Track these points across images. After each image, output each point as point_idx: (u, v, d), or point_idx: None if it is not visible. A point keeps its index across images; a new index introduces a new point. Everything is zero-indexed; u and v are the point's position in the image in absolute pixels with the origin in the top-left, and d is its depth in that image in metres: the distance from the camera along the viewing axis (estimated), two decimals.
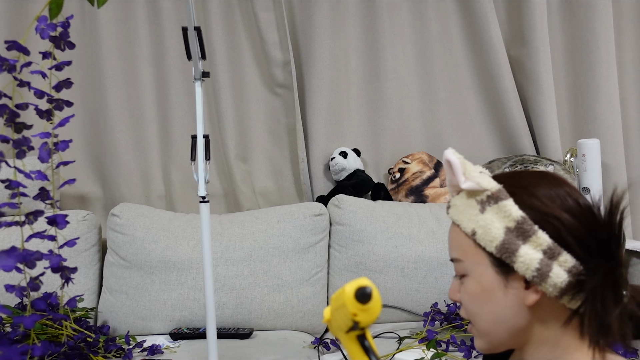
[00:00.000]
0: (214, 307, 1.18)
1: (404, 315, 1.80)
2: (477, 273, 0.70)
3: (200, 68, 1.22)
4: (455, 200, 0.74)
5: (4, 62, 0.88)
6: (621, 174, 2.16)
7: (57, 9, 0.85)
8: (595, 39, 2.14)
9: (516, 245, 0.66)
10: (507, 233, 0.67)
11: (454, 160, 0.70)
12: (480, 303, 0.71)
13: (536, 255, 0.66)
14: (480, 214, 0.69)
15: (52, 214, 0.93)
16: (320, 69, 2.12)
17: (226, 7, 2.14)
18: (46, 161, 0.90)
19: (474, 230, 0.70)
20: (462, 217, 0.71)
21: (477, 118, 2.22)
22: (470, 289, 0.71)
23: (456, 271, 0.74)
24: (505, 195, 0.68)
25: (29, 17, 2.08)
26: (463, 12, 2.19)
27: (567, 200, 0.68)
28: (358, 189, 2.06)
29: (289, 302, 1.75)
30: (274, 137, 2.18)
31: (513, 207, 0.67)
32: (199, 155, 1.18)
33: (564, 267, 0.66)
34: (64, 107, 0.96)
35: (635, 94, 2.27)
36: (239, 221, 1.83)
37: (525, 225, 0.66)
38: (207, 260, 1.17)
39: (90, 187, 2.15)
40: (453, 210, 0.74)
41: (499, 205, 0.68)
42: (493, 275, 0.69)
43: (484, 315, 0.71)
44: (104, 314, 1.75)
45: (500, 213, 0.68)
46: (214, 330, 1.19)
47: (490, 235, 0.68)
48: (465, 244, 0.71)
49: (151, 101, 2.13)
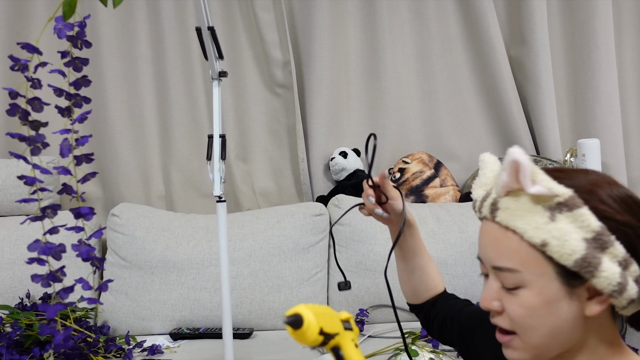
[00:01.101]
0: (229, 307, 1.18)
1: (404, 315, 1.80)
2: (539, 285, 0.64)
3: (218, 68, 1.22)
4: (507, 202, 0.65)
5: (16, 62, 0.89)
6: (621, 174, 2.16)
7: (70, 11, 0.86)
8: (595, 39, 2.14)
9: (598, 259, 0.61)
10: (587, 245, 0.61)
11: (525, 162, 0.62)
12: (539, 316, 0.64)
13: (616, 268, 0.62)
14: (551, 223, 0.62)
15: (77, 207, 0.94)
16: (320, 69, 2.12)
17: (226, 7, 2.14)
18: (66, 156, 0.92)
19: (545, 240, 0.62)
20: (524, 224, 0.64)
21: (477, 118, 2.22)
22: (529, 302, 0.64)
23: (503, 282, 0.66)
24: (580, 203, 0.62)
25: (29, 17, 2.08)
26: (463, 12, 2.19)
27: (632, 204, 0.64)
28: (358, 189, 2.06)
29: (289, 302, 1.75)
30: (274, 137, 2.18)
31: (591, 216, 0.62)
32: (215, 155, 1.18)
33: (633, 277, 0.63)
34: (83, 104, 0.97)
35: (635, 94, 2.27)
36: (238, 221, 1.83)
37: (604, 237, 0.62)
38: (223, 260, 1.18)
39: (90, 187, 2.15)
40: (506, 214, 0.65)
41: (574, 213, 0.62)
42: (558, 287, 0.63)
43: (541, 329, 0.65)
44: (104, 314, 1.75)
45: (576, 222, 0.62)
46: (230, 330, 1.19)
47: (569, 248, 0.61)
48: (526, 254, 0.64)
49: (151, 101, 2.13)
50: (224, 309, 1.19)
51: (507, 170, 0.64)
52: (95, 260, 0.96)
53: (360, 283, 1.79)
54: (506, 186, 0.65)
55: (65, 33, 0.91)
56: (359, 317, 1.74)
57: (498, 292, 0.67)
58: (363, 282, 1.79)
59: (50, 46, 2.05)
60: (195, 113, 2.13)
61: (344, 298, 1.80)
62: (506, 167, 0.64)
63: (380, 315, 1.80)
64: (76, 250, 0.93)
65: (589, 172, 0.67)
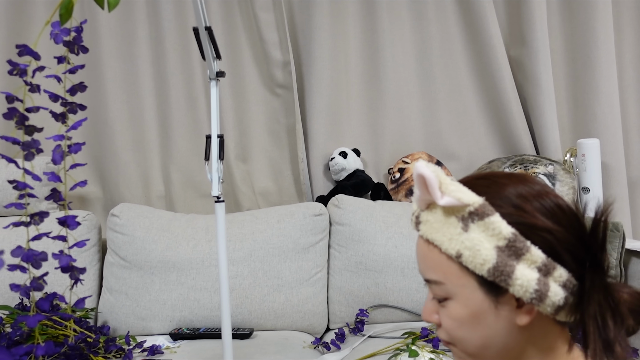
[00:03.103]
0: (229, 307, 1.18)
1: (404, 315, 1.80)
2: (463, 296, 0.64)
3: (215, 68, 1.22)
4: (427, 215, 0.65)
5: (15, 66, 0.89)
6: (621, 173, 2.16)
7: (67, 14, 0.85)
8: (595, 39, 2.14)
9: (511, 267, 0.60)
10: (499, 253, 0.61)
11: (429, 175, 0.62)
12: (468, 327, 0.64)
13: (533, 274, 0.60)
14: (464, 233, 0.62)
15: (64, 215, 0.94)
16: (320, 69, 2.12)
17: (226, 8, 2.14)
18: (59, 163, 0.92)
19: (459, 252, 0.62)
20: (441, 236, 0.64)
21: (477, 118, 2.22)
22: (456, 313, 0.65)
23: (434, 294, 0.67)
24: (491, 210, 0.62)
25: (29, 17, 2.08)
26: (463, 12, 2.19)
27: (554, 209, 0.63)
28: (358, 189, 2.06)
29: (289, 302, 1.75)
30: (274, 137, 2.18)
31: (502, 223, 0.61)
32: (213, 155, 1.18)
33: (559, 283, 0.61)
34: (78, 110, 0.97)
35: (635, 94, 2.27)
36: (238, 221, 1.83)
37: (517, 243, 0.61)
38: (222, 260, 1.18)
39: (90, 188, 2.15)
40: (426, 227, 0.65)
41: (485, 222, 0.61)
42: (482, 298, 0.63)
43: (473, 340, 0.65)
44: (104, 314, 1.75)
45: (487, 231, 0.61)
46: (229, 330, 1.20)
47: (481, 258, 0.61)
48: (447, 266, 0.64)
49: (151, 101, 2.13)
50: (223, 309, 1.19)
51: (417, 184, 0.64)
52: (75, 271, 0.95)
53: (360, 283, 1.79)
54: (421, 200, 0.65)
55: (62, 38, 0.91)
56: (359, 317, 1.74)
57: (435, 305, 0.68)
58: (363, 282, 1.79)
59: (48, 49, 2.05)
60: (195, 113, 2.13)
61: (344, 298, 1.80)
62: (415, 182, 0.64)
63: (380, 315, 1.80)
64: (56, 259, 0.93)
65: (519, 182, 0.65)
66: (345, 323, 1.80)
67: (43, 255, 0.90)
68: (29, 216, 0.91)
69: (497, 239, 0.61)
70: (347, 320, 1.81)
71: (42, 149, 0.93)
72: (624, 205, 2.16)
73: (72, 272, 0.96)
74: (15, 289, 0.91)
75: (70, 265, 0.94)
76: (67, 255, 0.94)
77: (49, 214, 0.94)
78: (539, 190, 0.64)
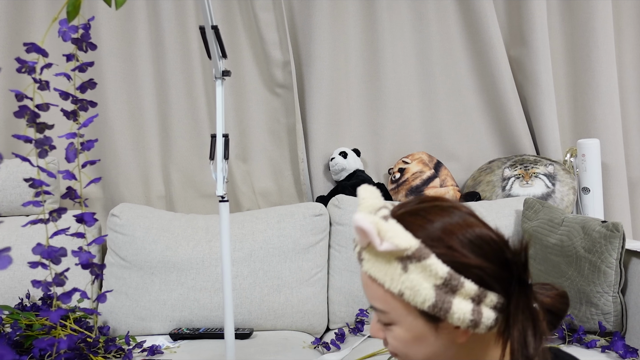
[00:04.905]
0: (232, 307, 1.19)
1: None
2: (405, 323, 0.70)
3: (221, 67, 1.22)
4: (368, 254, 0.71)
5: (23, 64, 0.89)
6: (621, 173, 2.16)
7: (74, 11, 0.85)
8: (595, 39, 2.14)
9: (449, 303, 0.67)
10: (437, 291, 0.67)
11: (367, 227, 0.68)
12: (413, 347, 0.71)
13: (468, 306, 0.67)
14: (404, 274, 0.68)
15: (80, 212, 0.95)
16: (320, 69, 2.12)
17: (226, 7, 2.14)
18: (72, 161, 0.92)
19: (401, 291, 0.68)
20: (383, 275, 0.69)
21: (477, 118, 2.22)
22: (400, 336, 0.71)
23: (379, 319, 0.73)
24: (427, 253, 0.67)
25: (29, 17, 2.08)
26: (463, 12, 2.19)
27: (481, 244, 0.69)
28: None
29: (289, 302, 1.75)
30: (274, 137, 2.18)
31: (437, 264, 0.67)
32: (218, 155, 1.18)
33: (490, 306, 0.68)
34: (89, 107, 0.98)
35: (635, 94, 2.27)
36: (238, 221, 1.83)
37: (452, 281, 0.67)
38: (225, 260, 1.18)
39: (90, 188, 2.15)
40: (369, 265, 0.71)
41: (423, 264, 0.67)
42: (423, 324, 0.69)
43: (417, 356, 0.72)
44: (104, 314, 1.75)
45: (425, 272, 0.67)
46: (232, 330, 1.20)
47: (421, 297, 0.67)
48: (391, 300, 0.70)
49: (151, 101, 2.13)
50: (225, 309, 1.19)
51: (356, 233, 0.70)
52: (95, 267, 0.96)
53: (360, 283, 1.79)
54: (361, 243, 0.71)
55: (70, 35, 0.91)
56: (359, 317, 1.74)
57: (381, 325, 0.74)
58: None
59: (53, 47, 2.05)
60: (195, 113, 2.13)
61: (344, 298, 1.81)
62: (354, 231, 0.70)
63: None
64: (76, 256, 0.94)
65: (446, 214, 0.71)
66: (345, 323, 1.80)
67: (63, 251, 0.91)
68: (48, 213, 0.92)
69: (435, 279, 0.67)
70: (347, 320, 1.81)
71: (55, 146, 0.93)
72: (624, 205, 2.16)
73: (92, 268, 0.96)
74: (37, 285, 0.92)
75: (90, 261, 0.95)
76: (87, 251, 0.95)
77: (67, 209, 0.95)
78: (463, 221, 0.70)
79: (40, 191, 0.91)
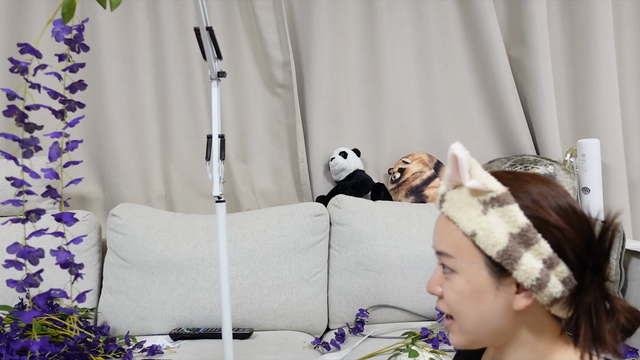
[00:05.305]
0: (229, 307, 1.18)
1: (404, 315, 1.80)
2: (469, 272, 0.69)
3: (217, 68, 1.22)
4: (452, 195, 0.71)
5: (16, 64, 0.89)
6: (621, 174, 2.16)
7: (69, 13, 0.85)
8: (595, 39, 2.14)
9: (519, 253, 0.65)
10: (510, 239, 0.66)
11: (461, 156, 0.67)
12: (468, 302, 0.69)
13: (537, 264, 0.65)
14: (482, 215, 0.67)
15: (59, 212, 0.94)
16: (320, 69, 2.12)
17: (226, 7, 2.14)
18: (55, 160, 0.92)
19: (474, 231, 0.67)
20: (460, 215, 0.69)
21: (477, 118, 2.22)
22: (459, 287, 0.70)
23: (442, 263, 0.72)
24: (511, 200, 0.67)
25: (29, 17, 2.08)
26: (463, 12, 2.19)
27: (569, 213, 0.67)
28: (358, 189, 2.07)
29: (289, 302, 1.75)
30: (274, 137, 2.18)
31: (519, 212, 0.66)
32: (214, 155, 1.18)
33: (559, 278, 0.66)
34: (77, 108, 0.98)
35: (635, 94, 2.27)
36: (238, 221, 1.83)
37: (529, 233, 0.66)
38: (223, 260, 1.18)
39: (90, 188, 2.15)
40: (449, 205, 0.71)
41: (504, 209, 0.67)
42: (486, 277, 0.68)
43: (470, 315, 0.70)
44: (104, 314, 1.75)
45: (504, 217, 0.66)
46: (230, 330, 1.19)
47: (493, 240, 0.66)
48: (460, 242, 0.69)
49: (151, 101, 2.13)
50: (223, 309, 1.19)
51: (449, 164, 0.70)
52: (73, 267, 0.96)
53: (360, 283, 1.79)
54: (450, 180, 0.71)
55: (63, 36, 0.92)
56: (359, 317, 1.74)
57: (441, 278, 0.73)
58: (363, 282, 1.79)
59: (48, 48, 2.05)
60: (195, 113, 2.13)
61: (344, 298, 1.81)
62: (448, 162, 0.70)
63: (380, 315, 1.80)
64: (54, 256, 0.93)
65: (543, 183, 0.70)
66: (345, 323, 1.80)
67: (40, 251, 0.90)
68: (25, 213, 0.92)
69: (512, 226, 0.66)
70: (347, 320, 1.81)
71: (40, 147, 0.93)
72: (623, 205, 2.16)
73: (70, 268, 0.96)
74: (12, 285, 0.92)
75: (68, 261, 0.94)
76: (66, 251, 0.95)
77: (45, 211, 0.95)
78: (558, 192, 0.69)
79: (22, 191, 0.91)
